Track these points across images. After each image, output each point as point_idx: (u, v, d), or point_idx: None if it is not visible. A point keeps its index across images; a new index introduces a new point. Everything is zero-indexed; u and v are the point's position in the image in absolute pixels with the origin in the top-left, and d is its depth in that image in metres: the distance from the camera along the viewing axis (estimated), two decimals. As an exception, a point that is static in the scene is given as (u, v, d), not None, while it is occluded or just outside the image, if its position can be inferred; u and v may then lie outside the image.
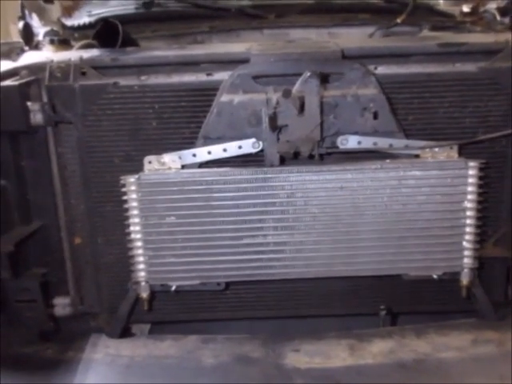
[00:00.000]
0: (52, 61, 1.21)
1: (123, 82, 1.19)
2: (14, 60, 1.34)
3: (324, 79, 1.13)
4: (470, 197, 1.18)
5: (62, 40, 1.54)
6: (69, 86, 1.18)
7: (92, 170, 1.24)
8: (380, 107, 1.16)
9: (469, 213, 1.19)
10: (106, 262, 1.30)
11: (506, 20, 1.64)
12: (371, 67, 1.18)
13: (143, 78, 1.20)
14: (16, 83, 1.16)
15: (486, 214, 1.23)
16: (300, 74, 1.09)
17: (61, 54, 1.29)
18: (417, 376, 1.10)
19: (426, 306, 1.34)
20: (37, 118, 1.19)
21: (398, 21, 1.64)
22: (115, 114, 1.20)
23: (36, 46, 1.58)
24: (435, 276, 1.23)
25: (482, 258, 1.25)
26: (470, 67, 1.19)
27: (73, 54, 1.25)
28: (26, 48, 1.55)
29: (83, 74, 1.19)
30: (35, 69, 1.21)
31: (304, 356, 1.16)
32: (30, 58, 1.35)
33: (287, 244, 1.21)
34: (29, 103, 1.18)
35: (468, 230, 1.20)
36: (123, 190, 1.19)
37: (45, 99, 1.20)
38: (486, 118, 1.21)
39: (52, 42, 1.54)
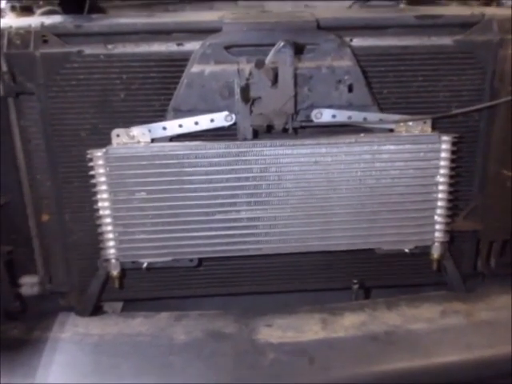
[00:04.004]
0: (10, 27, 1.14)
1: (88, 50, 1.13)
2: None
3: (298, 50, 1.10)
4: (442, 171, 1.19)
5: (24, 7, 1.46)
6: (29, 54, 1.11)
7: (57, 144, 1.19)
8: (355, 80, 1.14)
9: (441, 187, 1.20)
10: (74, 239, 1.26)
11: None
12: (347, 39, 1.16)
13: (110, 46, 1.14)
14: (-29, 50, 1.09)
15: (458, 188, 1.24)
16: (274, 44, 1.05)
17: (20, 20, 1.22)
18: (388, 347, 1.11)
19: (398, 279, 1.36)
20: (-4, 88, 1.12)
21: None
22: (80, 84, 1.14)
23: (-2, 15, 1.49)
24: (407, 250, 1.25)
25: (453, 231, 1.26)
26: (445, 40, 1.18)
27: (33, 20, 1.18)
28: (-14, 16, 1.46)
29: (45, 41, 1.13)
30: (-8, 35, 1.14)
31: (277, 330, 1.17)
32: (-13, 25, 1.27)
33: (260, 219, 1.20)
34: (-14, 72, 1.11)
35: (440, 204, 1.21)
36: (90, 164, 1.15)
37: (4, 68, 1.13)
38: (460, 92, 1.21)
39: (13, 8, 1.46)
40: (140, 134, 1.15)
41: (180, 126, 1.15)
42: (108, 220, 1.17)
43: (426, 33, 1.19)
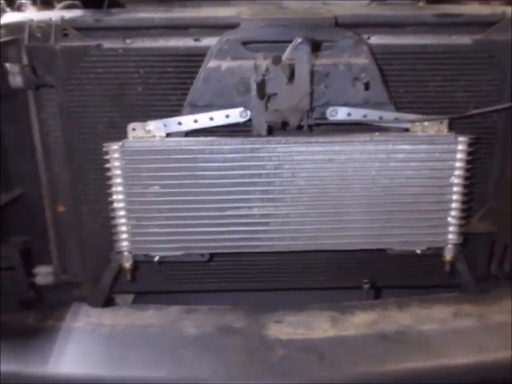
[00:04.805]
0: (32, 20, 1.16)
1: (107, 44, 1.14)
2: (-6, 22, 1.28)
3: (315, 47, 1.09)
4: (457, 172, 1.17)
5: (44, 1, 1.48)
6: (49, 48, 1.13)
7: (75, 137, 1.21)
8: (372, 78, 1.13)
9: (456, 188, 1.18)
10: (89, 231, 1.28)
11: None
12: (364, 36, 1.15)
13: (128, 41, 1.15)
14: (-8, 43, 1.11)
15: (473, 189, 1.23)
16: (291, 41, 1.05)
17: (41, 14, 1.24)
18: (398, 347, 1.11)
19: (410, 280, 1.35)
20: (16, 80, 1.14)
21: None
22: (99, 78, 1.16)
23: (19, 8, 1.52)
24: (419, 251, 1.24)
25: (467, 233, 1.25)
26: (464, 39, 1.17)
27: (54, 14, 1.19)
28: (8, 10, 1.48)
29: (65, 35, 1.14)
30: (14, 28, 1.16)
31: (287, 327, 1.16)
32: (9, 18, 1.29)
33: (273, 216, 1.20)
34: (7, 64, 1.13)
35: (454, 205, 1.19)
36: (106, 157, 1.16)
37: (25, 61, 1.15)
38: (479, 92, 1.19)
39: (34, 2, 1.48)
40: (156, 128, 1.16)
41: (195, 121, 1.16)
42: (122, 213, 1.19)
43: (445, 31, 1.18)
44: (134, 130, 1.17)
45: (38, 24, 1.14)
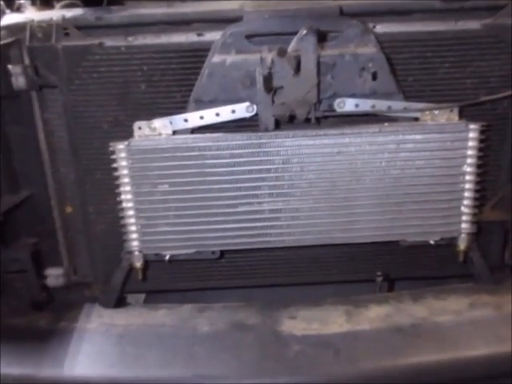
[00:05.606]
0: (32, 20, 1.14)
1: (109, 42, 1.13)
2: (-7, 24, 1.27)
3: (321, 37, 1.07)
4: (469, 160, 1.16)
5: (44, 0, 1.47)
6: (51, 47, 1.12)
7: (80, 137, 1.20)
8: (379, 67, 1.11)
9: (468, 177, 1.17)
10: (98, 231, 1.27)
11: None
12: (370, 25, 1.13)
13: (130, 38, 1.14)
14: (-6, 44, 1.10)
15: (485, 177, 1.21)
16: (296, 32, 1.03)
17: (41, 14, 1.22)
18: (414, 340, 1.10)
19: (423, 271, 1.33)
20: (19, 81, 1.13)
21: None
22: (102, 76, 1.14)
23: (18, 9, 1.50)
24: (432, 241, 1.22)
25: (480, 222, 1.23)
26: (473, 25, 1.14)
27: (54, 14, 1.18)
28: (7, 11, 1.47)
29: (66, 34, 1.13)
30: (15, 29, 1.14)
31: (301, 322, 1.16)
32: (9, 19, 1.28)
33: (283, 211, 1.18)
34: (10, 66, 1.12)
35: (467, 194, 1.18)
36: (113, 157, 1.15)
37: (27, 61, 1.14)
38: (488, 78, 1.17)
39: (33, 2, 1.47)
40: (162, 126, 1.15)
41: (201, 117, 1.14)
42: (131, 212, 1.18)
43: (453, 17, 1.15)
44: (139, 128, 1.15)
45: (39, 24, 1.13)
